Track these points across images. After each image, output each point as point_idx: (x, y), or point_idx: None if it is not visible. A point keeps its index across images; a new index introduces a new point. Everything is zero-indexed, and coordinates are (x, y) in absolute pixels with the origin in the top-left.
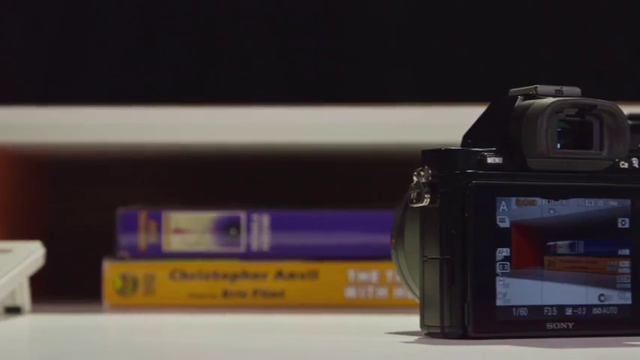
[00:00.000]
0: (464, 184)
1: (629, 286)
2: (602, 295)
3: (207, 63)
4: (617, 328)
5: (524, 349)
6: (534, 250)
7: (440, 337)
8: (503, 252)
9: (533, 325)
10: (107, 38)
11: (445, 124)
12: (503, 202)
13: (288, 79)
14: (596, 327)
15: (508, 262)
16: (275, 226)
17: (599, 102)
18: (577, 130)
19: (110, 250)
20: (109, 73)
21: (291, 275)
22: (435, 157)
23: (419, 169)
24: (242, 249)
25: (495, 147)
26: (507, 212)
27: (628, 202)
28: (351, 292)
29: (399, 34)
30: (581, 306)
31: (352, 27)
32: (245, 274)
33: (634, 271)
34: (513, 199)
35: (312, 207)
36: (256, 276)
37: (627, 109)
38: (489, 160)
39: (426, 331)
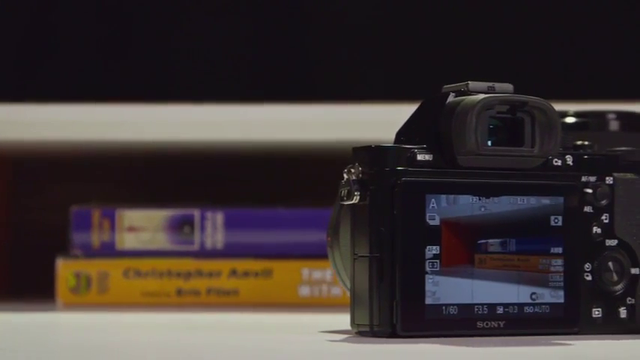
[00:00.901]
0: (393, 181)
1: (561, 284)
2: (534, 293)
3: (165, 60)
4: (550, 326)
5: (453, 348)
6: (464, 248)
7: (369, 336)
8: (432, 250)
9: (463, 323)
10: (64, 37)
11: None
12: (433, 200)
13: (242, 77)
14: (528, 326)
15: (438, 260)
16: (229, 225)
17: (530, 99)
18: (509, 127)
19: (64, 248)
20: (65, 71)
21: (245, 274)
22: (365, 154)
23: (349, 166)
24: (196, 247)
25: (426, 144)
26: (437, 210)
27: (561, 199)
28: (305, 291)
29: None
30: (513, 304)
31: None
32: (199, 273)
33: (566, 270)
34: (443, 196)
35: (266, 205)
36: (210, 274)
37: (560, 107)
38: (419, 157)
39: (356, 330)
